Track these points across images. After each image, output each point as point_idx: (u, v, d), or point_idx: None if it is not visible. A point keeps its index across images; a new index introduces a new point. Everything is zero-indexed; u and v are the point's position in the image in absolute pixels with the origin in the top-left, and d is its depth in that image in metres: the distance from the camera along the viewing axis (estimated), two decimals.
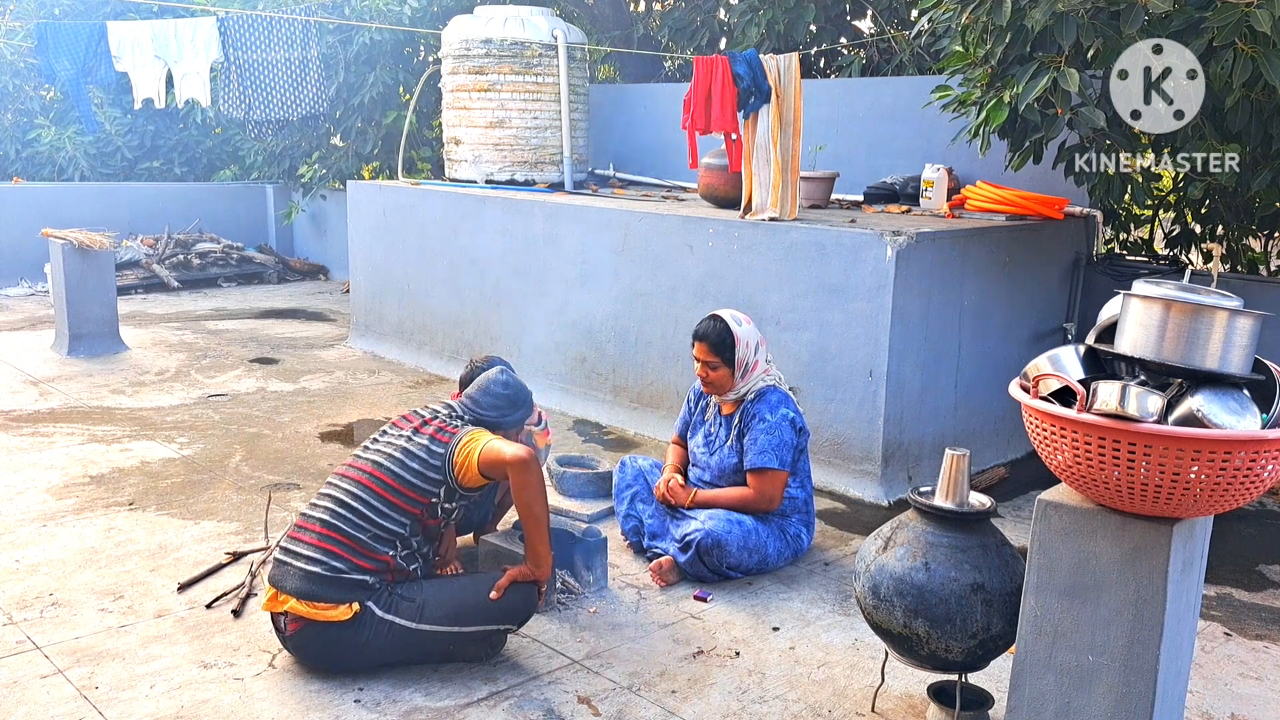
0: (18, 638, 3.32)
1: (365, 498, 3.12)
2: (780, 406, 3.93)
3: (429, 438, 3.20)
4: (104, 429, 5.58)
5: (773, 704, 3.07)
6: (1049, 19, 4.05)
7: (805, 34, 8.46)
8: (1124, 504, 2.27)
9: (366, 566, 3.06)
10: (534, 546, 3.20)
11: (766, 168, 5.20)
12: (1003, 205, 5.48)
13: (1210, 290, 2.30)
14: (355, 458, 3.27)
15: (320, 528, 3.10)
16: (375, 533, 3.09)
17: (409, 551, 3.16)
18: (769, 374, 4.02)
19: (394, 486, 3.13)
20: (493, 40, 7.28)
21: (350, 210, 7.98)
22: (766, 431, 3.89)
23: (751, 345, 3.95)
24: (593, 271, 5.99)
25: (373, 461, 3.19)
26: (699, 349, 3.96)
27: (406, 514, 3.13)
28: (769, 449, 3.87)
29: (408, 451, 3.17)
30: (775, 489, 3.91)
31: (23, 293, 9.92)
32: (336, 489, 3.18)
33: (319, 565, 3.04)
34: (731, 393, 3.99)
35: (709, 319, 3.98)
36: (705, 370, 3.96)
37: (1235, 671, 3.37)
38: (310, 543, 3.09)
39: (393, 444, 3.22)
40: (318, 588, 3.02)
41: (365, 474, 3.17)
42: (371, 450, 3.25)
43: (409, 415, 3.35)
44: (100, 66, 8.30)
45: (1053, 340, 5.55)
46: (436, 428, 3.23)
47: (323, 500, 3.18)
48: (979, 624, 2.67)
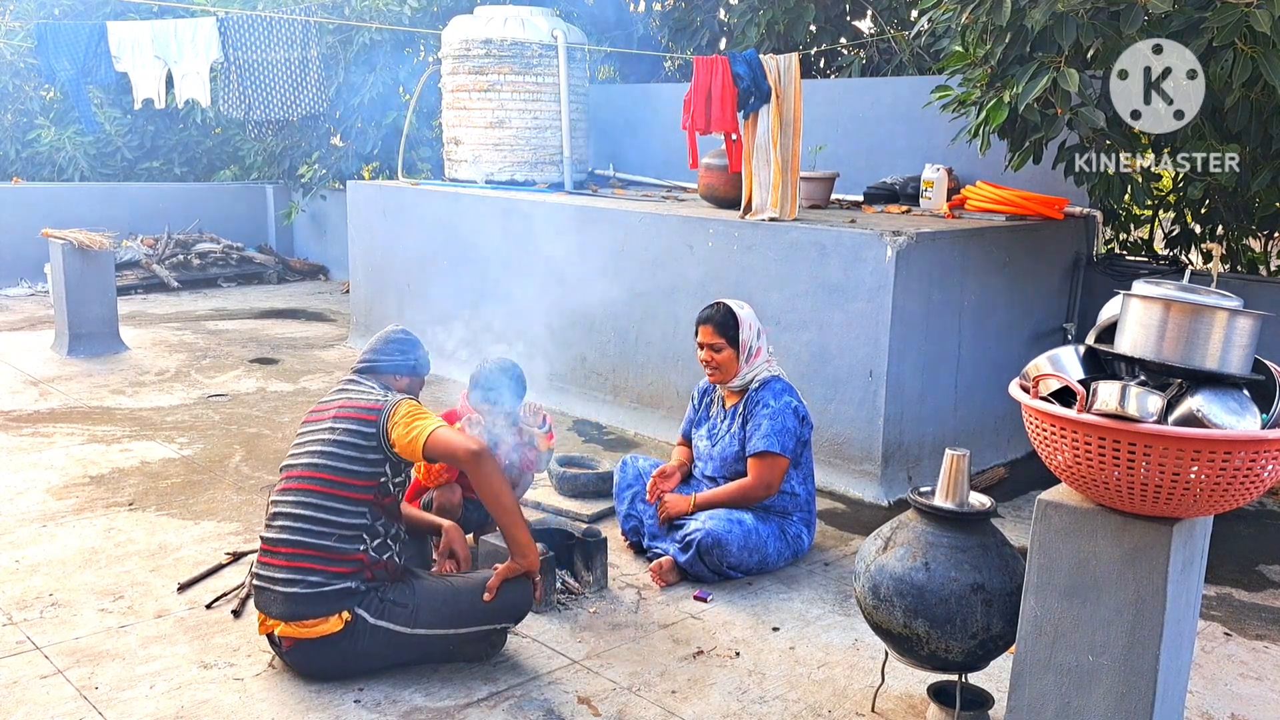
0: (18, 638, 3.32)
1: (316, 502, 3.03)
2: (785, 394, 3.95)
3: (352, 420, 3.09)
4: (104, 429, 5.58)
5: (773, 704, 3.07)
6: (1049, 19, 4.05)
7: (805, 34, 8.47)
8: (1124, 504, 2.27)
9: (343, 571, 3.01)
10: (513, 537, 3.14)
11: (766, 168, 5.20)
12: (1003, 205, 5.48)
13: (1210, 290, 2.29)
14: (287, 469, 3.17)
15: (285, 547, 3.03)
16: (339, 534, 3.02)
17: (379, 540, 3.09)
18: (771, 365, 4.04)
19: (338, 481, 3.04)
20: (493, 40, 7.28)
21: (350, 210, 7.98)
22: (770, 417, 3.90)
23: (754, 329, 3.99)
24: (593, 271, 5.98)
25: (305, 465, 3.09)
26: (703, 332, 3.98)
27: (361, 503, 3.05)
28: (771, 433, 3.88)
29: (338, 442, 3.07)
30: (775, 475, 3.91)
31: (23, 293, 9.92)
32: (284, 504, 3.09)
33: (296, 585, 2.99)
34: (736, 379, 3.99)
35: (711, 305, 4.05)
36: (710, 354, 3.98)
37: (1235, 671, 3.37)
38: (281, 565, 3.02)
39: (317, 440, 3.12)
40: (302, 607, 2.99)
41: (305, 479, 3.07)
42: (299, 455, 3.14)
43: (318, 408, 3.26)
44: (100, 66, 8.31)
45: (1053, 340, 5.55)
46: (355, 408, 3.12)
47: (276, 520, 3.09)
48: (979, 624, 2.67)
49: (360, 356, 3.37)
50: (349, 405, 3.15)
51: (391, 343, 3.37)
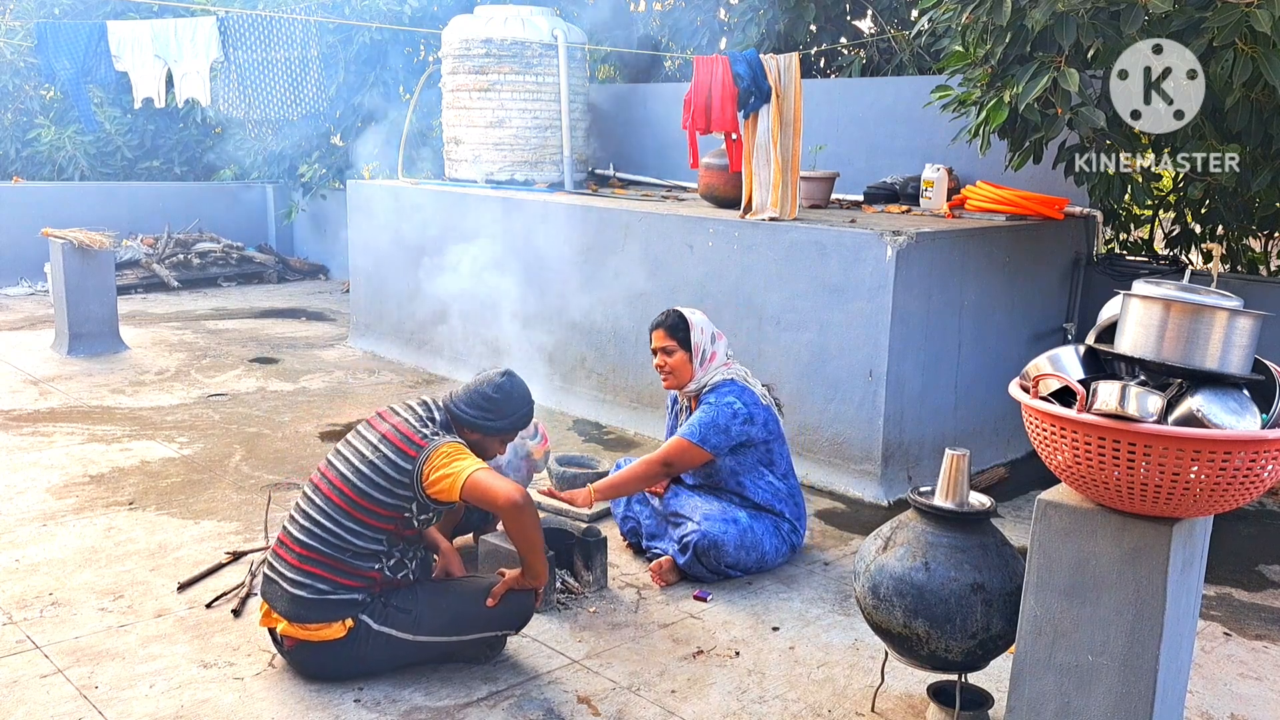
0: (17, 637, 3.32)
1: (337, 518, 3.00)
2: (728, 395, 3.93)
3: (394, 449, 3.02)
4: (104, 428, 5.58)
5: (773, 704, 3.07)
6: (1049, 19, 4.05)
7: (805, 34, 8.47)
8: (1124, 504, 2.27)
9: (353, 585, 3.00)
10: (530, 564, 3.13)
11: (766, 168, 5.20)
12: (1003, 205, 5.48)
13: (1210, 290, 2.29)
14: (328, 464, 3.12)
15: (300, 549, 3.01)
16: (355, 551, 3.00)
17: (395, 561, 3.08)
18: (730, 368, 4.03)
19: (362, 505, 2.99)
20: (493, 40, 7.27)
21: (350, 210, 7.98)
22: (703, 411, 3.92)
23: (707, 333, 4.00)
24: (593, 271, 5.99)
25: (340, 475, 3.04)
26: (655, 336, 4.01)
27: (380, 530, 3.02)
28: (696, 424, 3.89)
29: (373, 465, 3.01)
30: (683, 460, 3.91)
31: (23, 292, 9.91)
32: (311, 504, 3.06)
33: (304, 589, 2.98)
34: (692, 383, 4.00)
35: (662, 313, 4.07)
36: (663, 358, 4.00)
37: (1235, 671, 3.37)
38: (292, 564, 3.01)
39: (359, 453, 3.06)
40: (306, 611, 2.98)
41: (335, 489, 3.03)
42: (341, 457, 3.10)
43: (383, 413, 3.18)
44: (100, 66, 8.30)
45: (1053, 340, 5.55)
46: (404, 436, 3.04)
47: (300, 515, 3.07)
48: (979, 624, 2.67)
49: (448, 398, 3.22)
50: (399, 430, 3.06)
51: (480, 396, 3.19)
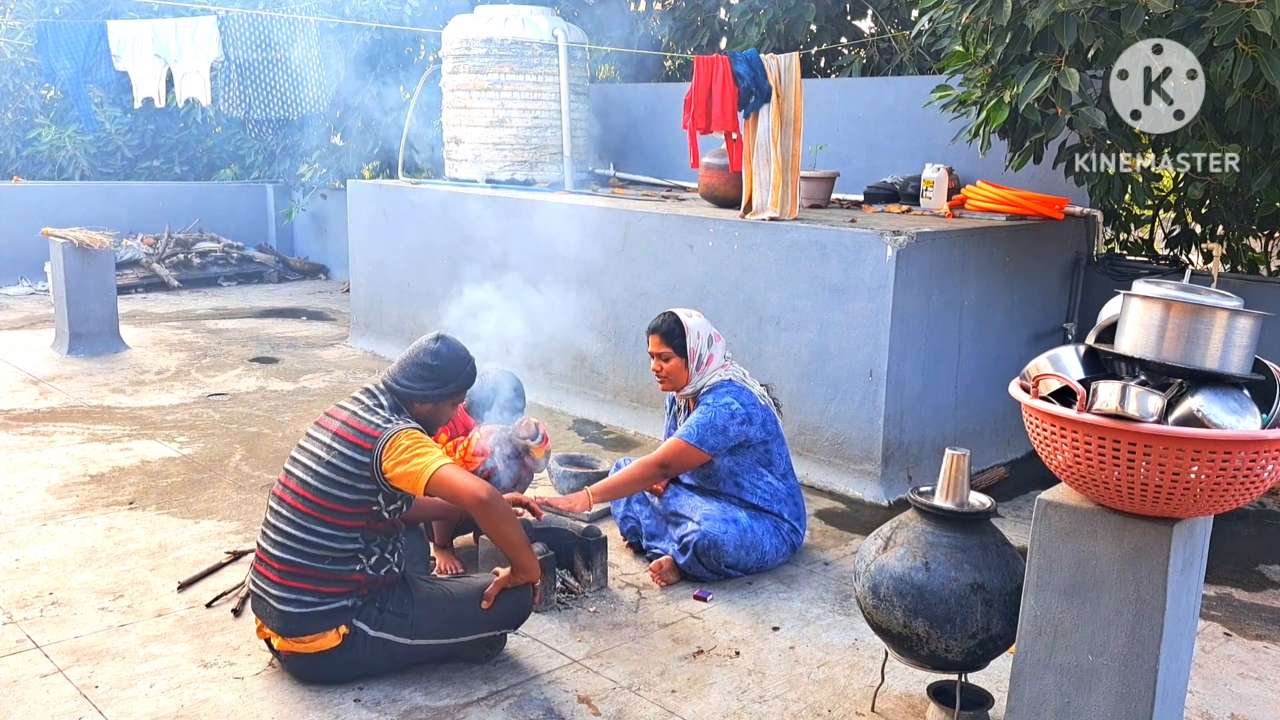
0: (18, 637, 3.32)
1: (306, 524, 2.93)
2: (725, 395, 3.92)
3: (348, 444, 2.93)
4: (104, 428, 5.58)
5: (773, 704, 3.07)
6: (1049, 19, 4.05)
7: (805, 34, 8.47)
8: (1124, 504, 2.27)
9: (339, 591, 2.96)
10: (516, 560, 3.07)
11: (767, 167, 5.20)
12: (1003, 205, 5.48)
13: (1210, 290, 2.30)
14: (286, 473, 3.04)
15: (278, 564, 2.95)
16: (333, 556, 2.94)
17: (376, 558, 3.00)
18: (727, 369, 4.02)
19: (328, 506, 2.92)
20: (493, 39, 7.27)
21: (350, 210, 7.98)
22: (700, 412, 3.92)
23: (703, 337, 3.99)
24: (593, 271, 5.99)
25: (300, 481, 2.96)
26: (651, 342, 4.01)
27: (352, 529, 2.94)
28: (694, 425, 3.89)
29: (330, 465, 2.93)
30: (681, 461, 3.90)
31: (23, 292, 9.91)
32: (279, 516, 2.99)
33: (290, 604, 2.94)
34: (688, 386, 4.00)
35: (660, 315, 4.05)
36: (659, 364, 4.00)
37: (1235, 671, 3.37)
38: (275, 580, 2.95)
39: (315, 455, 2.97)
40: (297, 625, 2.95)
41: (298, 496, 2.95)
42: (298, 463, 3.01)
43: (331, 411, 3.08)
44: (100, 65, 8.30)
45: (1053, 340, 5.55)
46: (355, 430, 2.94)
47: (270, 530, 3.01)
48: (979, 624, 2.67)
49: (391, 371, 3.12)
50: (350, 425, 2.97)
51: (417, 366, 3.07)
